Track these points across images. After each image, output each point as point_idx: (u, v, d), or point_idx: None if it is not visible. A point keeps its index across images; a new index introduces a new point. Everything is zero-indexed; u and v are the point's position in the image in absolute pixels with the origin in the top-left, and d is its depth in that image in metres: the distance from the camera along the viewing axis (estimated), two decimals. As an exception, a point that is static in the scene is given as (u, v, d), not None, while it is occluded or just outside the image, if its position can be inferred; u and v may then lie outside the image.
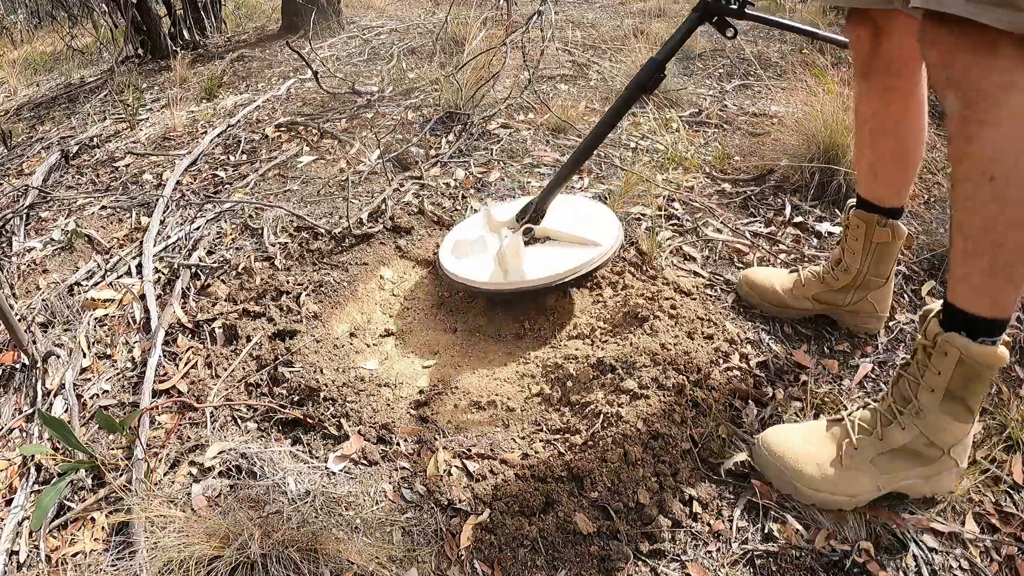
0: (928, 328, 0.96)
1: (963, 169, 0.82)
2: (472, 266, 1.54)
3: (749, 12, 1.22)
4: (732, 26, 1.23)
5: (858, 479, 1.01)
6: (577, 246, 1.56)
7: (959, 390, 0.93)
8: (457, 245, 1.63)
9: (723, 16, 1.21)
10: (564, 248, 1.56)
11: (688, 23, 1.23)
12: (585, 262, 1.50)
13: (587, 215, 1.66)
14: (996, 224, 0.81)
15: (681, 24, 1.24)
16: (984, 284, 0.86)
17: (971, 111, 0.79)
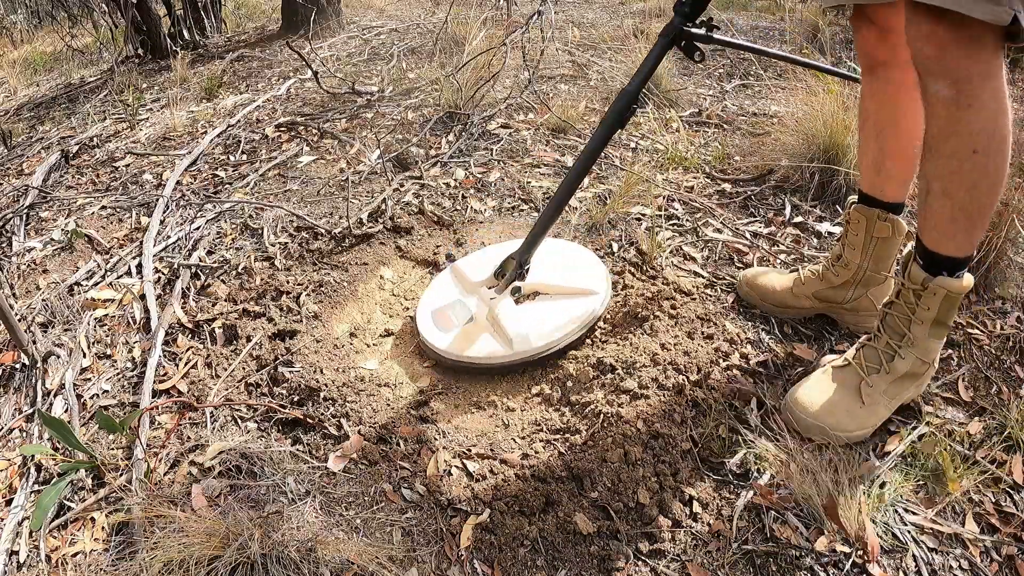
0: (912, 274, 1.11)
1: (950, 146, 0.95)
2: (467, 341, 1.40)
3: (717, 36, 1.21)
4: (699, 50, 1.23)
5: (876, 410, 1.17)
6: (572, 297, 1.46)
7: (943, 317, 1.12)
8: (437, 316, 1.47)
9: (690, 41, 1.21)
10: (560, 302, 1.46)
11: (657, 49, 1.22)
12: (589, 313, 1.42)
13: (570, 260, 1.56)
14: (977, 188, 0.98)
15: (650, 51, 1.22)
16: (964, 235, 1.04)
17: (960, 96, 0.90)
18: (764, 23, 3.59)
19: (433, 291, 1.56)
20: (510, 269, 1.41)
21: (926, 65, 0.91)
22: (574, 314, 1.41)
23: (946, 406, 1.27)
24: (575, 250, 1.61)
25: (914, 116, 1.19)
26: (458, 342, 1.40)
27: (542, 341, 1.37)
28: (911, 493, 1.12)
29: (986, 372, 1.34)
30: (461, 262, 1.59)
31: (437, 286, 1.57)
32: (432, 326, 1.45)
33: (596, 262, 1.55)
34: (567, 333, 1.39)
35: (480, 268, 1.53)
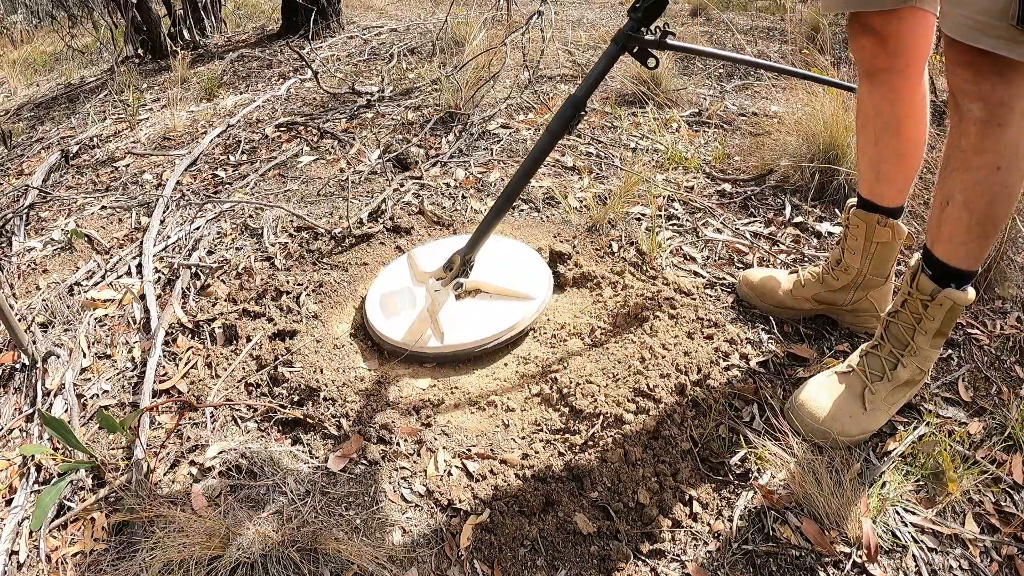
0: (921, 284, 1.13)
1: (979, 161, 0.98)
2: (406, 328, 1.46)
3: (671, 43, 1.20)
4: (653, 56, 1.23)
5: (877, 416, 1.19)
6: (509, 299, 1.51)
7: (945, 328, 1.15)
8: (385, 301, 1.53)
9: (643, 47, 1.20)
10: (496, 303, 1.50)
11: (607, 56, 1.21)
12: (520, 318, 1.46)
13: (516, 263, 1.61)
14: (996, 201, 1.01)
15: (600, 58, 1.21)
16: (977, 246, 1.06)
17: (993, 118, 0.94)
18: (764, 23, 3.59)
19: (387, 275, 1.62)
20: (456, 264, 1.45)
21: (963, 88, 0.95)
22: (507, 317, 1.46)
23: (946, 406, 1.27)
24: (525, 254, 1.65)
25: (913, 121, 1.20)
26: (397, 328, 1.46)
27: (471, 338, 1.43)
28: (911, 493, 1.12)
29: (986, 372, 1.34)
30: (416, 250, 1.67)
31: (392, 271, 1.64)
32: (378, 309, 1.51)
33: (543, 268, 1.59)
34: (496, 334, 1.44)
35: (433, 259, 1.59)
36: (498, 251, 1.64)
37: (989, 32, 0.87)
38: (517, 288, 1.52)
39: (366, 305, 1.53)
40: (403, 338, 1.44)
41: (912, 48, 1.12)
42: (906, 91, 1.16)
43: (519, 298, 1.51)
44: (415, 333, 1.45)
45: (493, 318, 1.46)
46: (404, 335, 1.44)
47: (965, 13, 0.88)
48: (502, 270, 1.58)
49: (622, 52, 1.22)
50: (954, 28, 0.91)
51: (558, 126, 1.24)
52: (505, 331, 1.45)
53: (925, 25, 1.10)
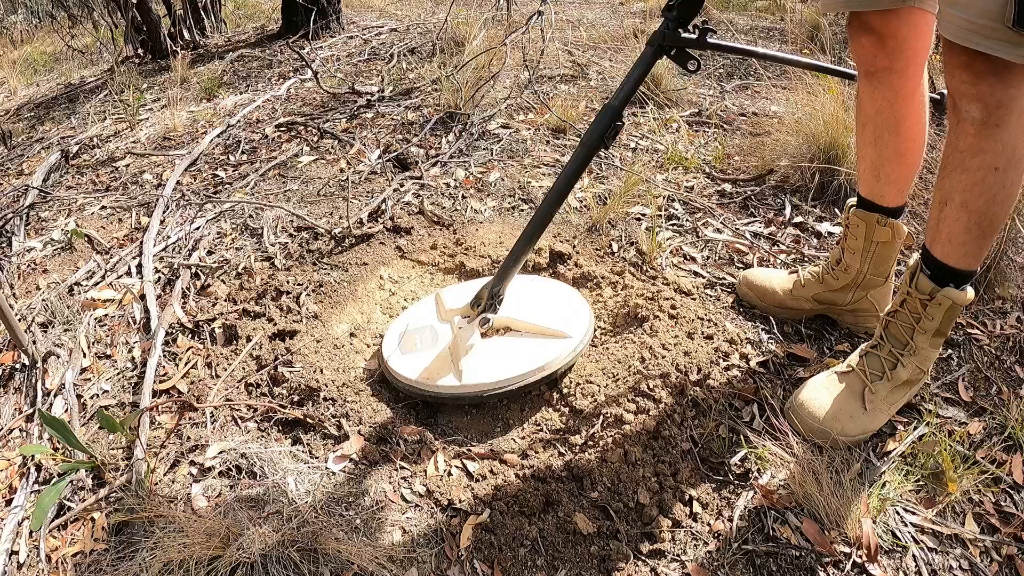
0: (920, 284, 1.13)
1: (977, 161, 0.99)
2: (419, 365, 1.32)
3: (712, 41, 1.09)
4: (694, 58, 1.12)
5: (877, 416, 1.19)
6: (542, 338, 1.37)
7: (944, 328, 1.16)
8: (405, 338, 1.40)
9: (682, 48, 1.10)
10: (527, 341, 1.36)
11: (643, 61, 1.10)
12: (553, 359, 1.31)
13: (553, 299, 1.46)
14: (994, 201, 1.02)
15: (636, 63, 1.10)
16: (976, 246, 1.07)
17: (990, 118, 0.95)
18: (764, 23, 3.59)
19: (411, 312, 1.50)
20: (484, 299, 1.33)
21: (961, 89, 0.96)
22: (537, 356, 1.31)
23: (946, 406, 1.27)
24: (562, 290, 1.51)
25: (913, 121, 1.20)
26: (411, 366, 1.32)
27: (492, 378, 1.27)
28: (911, 493, 1.12)
29: (986, 372, 1.34)
30: (445, 289, 1.54)
31: (417, 308, 1.51)
32: (395, 346, 1.38)
33: (582, 305, 1.45)
34: (523, 374, 1.28)
35: (461, 296, 1.46)
36: (533, 287, 1.51)
37: (986, 34, 0.87)
38: (551, 325, 1.37)
39: (383, 343, 1.40)
40: (418, 376, 1.30)
41: (912, 48, 1.12)
42: (906, 91, 1.16)
43: (554, 336, 1.36)
44: (432, 372, 1.30)
45: (521, 357, 1.31)
46: (419, 373, 1.30)
47: (963, 15, 0.89)
48: (537, 306, 1.43)
49: (660, 55, 1.13)
50: (952, 30, 0.91)
51: (594, 139, 1.14)
52: (533, 371, 1.28)
53: (925, 25, 1.10)
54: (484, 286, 1.33)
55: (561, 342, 1.34)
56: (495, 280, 1.31)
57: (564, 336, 1.35)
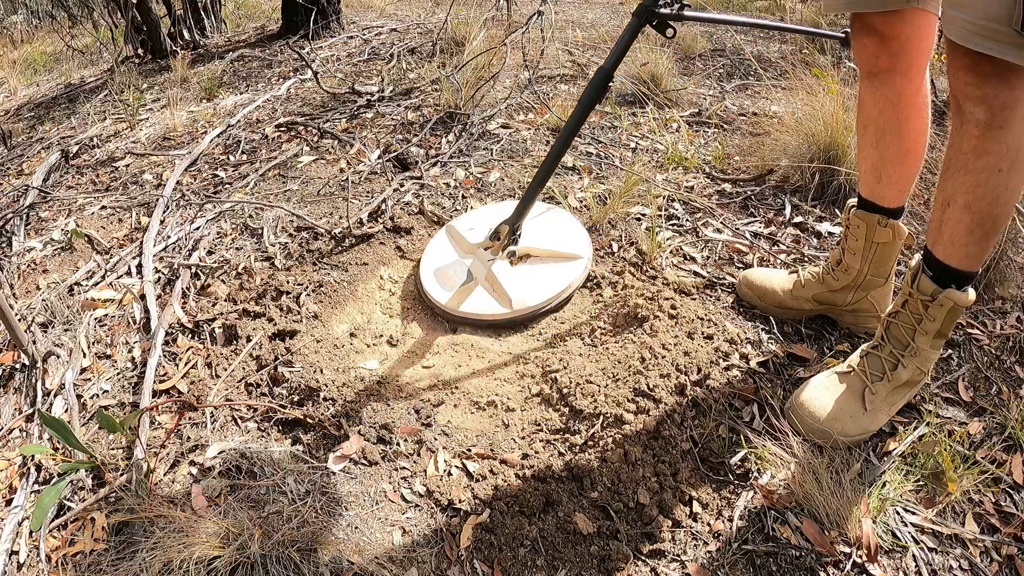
0: (922, 285, 1.13)
1: (981, 163, 0.99)
2: (469, 299, 1.55)
3: (688, 13, 1.25)
4: (671, 26, 1.28)
5: (877, 416, 1.20)
6: (559, 261, 1.60)
7: (945, 329, 1.16)
8: (440, 275, 1.62)
9: (662, 20, 1.26)
10: (549, 265, 1.60)
11: (629, 29, 1.27)
12: (576, 277, 1.56)
13: (556, 226, 1.70)
14: (997, 202, 1.02)
15: (623, 31, 1.28)
16: (978, 248, 1.07)
17: (994, 120, 0.95)
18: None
19: (432, 251, 1.70)
20: (504, 233, 1.54)
21: (965, 91, 0.95)
22: (563, 276, 1.56)
23: (946, 406, 1.27)
24: (561, 216, 1.75)
25: (915, 122, 1.20)
26: (461, 299, 1.54)
27: (536, 300, 1.52)
28: (911, 493, 1.12)
29: (986, 372, 1.34)
30: (456, 223, 1.74)
31: (436, 246, 1.71)
32: (436, 284, 1.59)
33: (580, 228, 1.68)
34: (558, 293, 1.54)
35: (474, 230, 1.69)
36: (535, 217, 1.70)
37: (993, 37, 0.87)
38: (565, 249, 1.61)
39: (423, 282, 1.61)
40: (472, 309, 1.52)
41: (914, 48, 1.11)
42: (908, 91, 1.16)
43: (568, 258, 1.60)
44: (481, 303, 1.53)
45: (550, 279, 1.56)
46: (473, 306, 1.53)
47: (969, 18, 0.88)
48: (545, 234, 1.66)
49: (644, 25, 1.27)
50: (958, 32, 0.91)
51: (590, 98, 1.32)
52: (564, 290, 1.54)
53: (927, 26, 1.10)
54: (503, 221, 1.54)
55: (577, 262, 1.60)
56: (513, 217, 1.52)
57: (577, 256, 1.61)
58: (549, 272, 1.58)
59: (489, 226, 1.60)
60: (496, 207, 1.84)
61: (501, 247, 1.55)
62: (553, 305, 1.54)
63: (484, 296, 1.55)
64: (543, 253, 1.63)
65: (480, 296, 1.55)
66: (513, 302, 1.51)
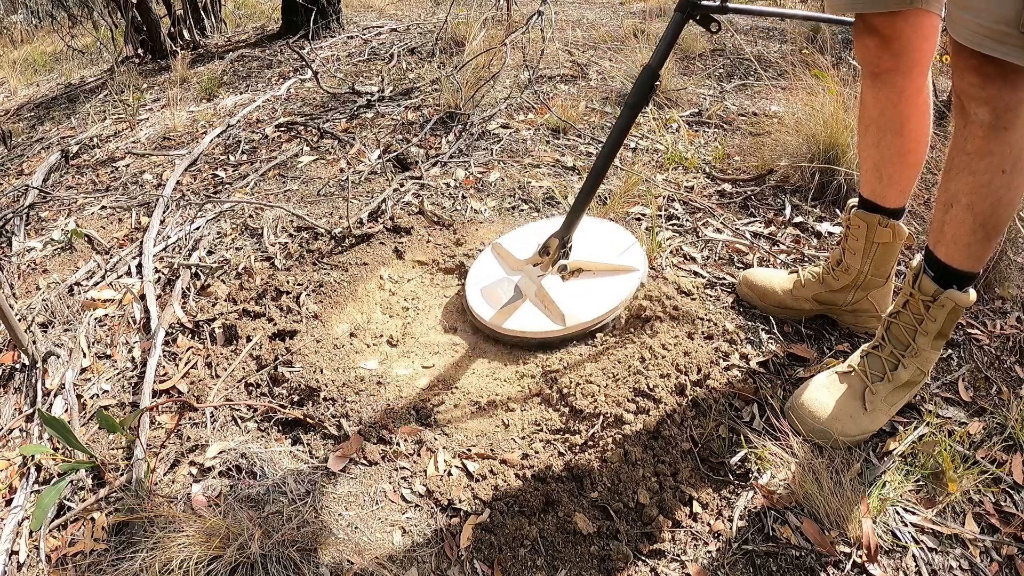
0: (923, 286, 1.13)
1: (984, 164, 0.99)
2: (519, 317, 1.47)
3: (731, 6, 1.23)
4: (716, 20, 1.25)
5: (877, 416, 1.20)
6: (612, 274, 1.54)
7: (946, 329, 1.16)
8: (487, 294, 1.54)
9: (705, 13, 1.24)
10: (602, 279, 1.53)
11: (673, 24, 1.25)
12: (630, 289, 1.50)
13: (607, 238, 1.64)
14: (1000, 203, 1.02)
15: (667, 26, 1.26)
16: (980, 248, 1.07)
17: (998, 121, 0.95)
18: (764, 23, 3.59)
19: (478, 269, 1.63)
20: (553, 248, 1.48)
21: (969, 92, 0.96)
22: (617, 290, 1.49)
23: (946, 406, 1.27)
24: (611, 228, 1.69)
25: (917, 122, 1.20)
26: (511, 318, 1.47)
27: (591, 316, 1.44)
28: (911, 493, 1.12)
29: (986, 372, 1.34)
30: (503, 240, 1.67)
31: (481, 264, 1.64)
32: (484, 304, 1.52)
33: (632, 240, 1.62)
34: (612, 308, 1.46)
35: (522, 247, 1.62)
36: (584, 229, 1.64)
37: (1000, 39, 0.87)
38: (618, 262, 1.55)
39: (470, 303, 1.53)
40: (522, 327, 1.45)
41: (916, 49, 1.11)
42: (910, 92, 1.16)
43: (621, 271, 1.54)
44: (531, 320, 1.46)
45: (604, 293, 1.49)
46: (523, 325, 1.45)
47: (977, 20, 0.88)
48: (596, 247, 1.60)
49: (687, 19, 1.25)
50: (964, 34, 0.91)
51: (637, 98, 1.29)
52: (619, 304, 1.47)
53: (929, 26, 1.10)
54: (552, 235, 1.49)
55: (631, 275, 1.53)
56: (563, 230, 1.47)
57: (631, 269, 1.54)
58: (603, 286, 1.51)
59: (537, 241, 1.54)
60: (543, 223, 1.75)
61: (551, 262, 1.50)
62: (609, 320, 1.47)
63: (535, 313, 1.47)
64: (596, 267, 1.56)
65: (530, 313, 1.48)
66: (567, 318, 1.43)
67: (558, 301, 1.45)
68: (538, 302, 1.49)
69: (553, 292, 1.47)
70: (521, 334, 1.45)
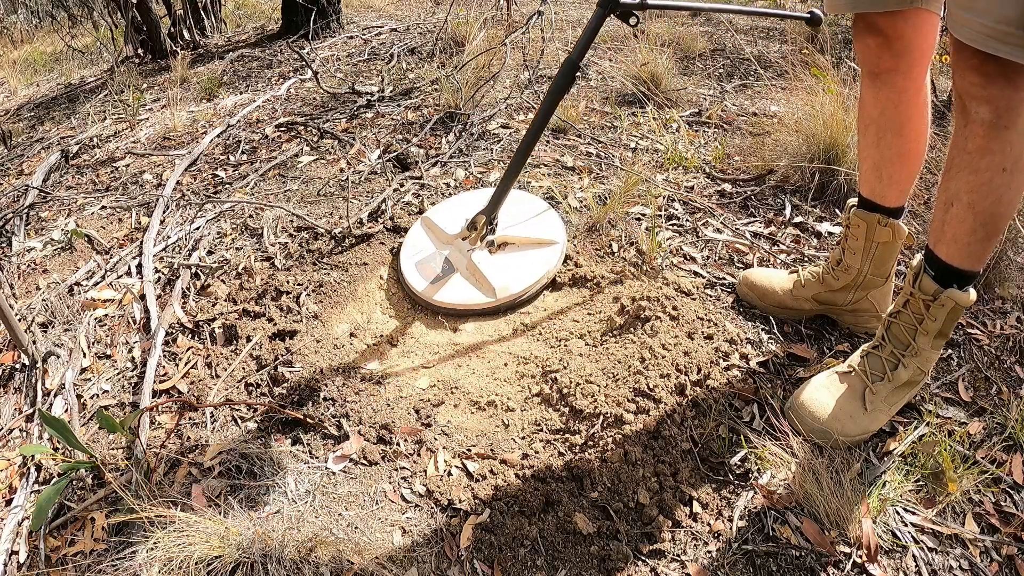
0: (923, 285, 1.13)
1: (985, 163, 1.00)
2: (452, 289, 1.58)
3: (650, 1, 1.27)
4: (635, 15, 1.29)
5: (877, 416, 1.20)
6: (537, 247, 1.65)
7: (946, 329, 1.16)
8: (421, 267, 1.64)
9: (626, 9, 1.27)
10: (527, 252, 1.64)
11: (594, 20, 1.28)
12: (554, 262, 1.61)
13: (525, 211, 1.75)
14: (1001, 202, 1.02)
15: (588, 22, 1.29)
16: (980, 247, 1.07)
17: (999, 120, 0.95)
18: (763, 23, 3.59)
19: (411, 243, 1.72)
20: (481, 224, 1.57)
21: (970, 91, 0.96)
22: (542, 262, 1.61)
23: (946, 406, 1.27)
24: (532, 202, 1.80)
25: (916, 122, 1.20)
26: (445, 291, 1.58)
27: (520, 287, 1.56)
28: (911, 493, 1.12)
29: (986, 372, 1.34)
30: (431, 213, 1.78)
31: (413, 238, 1.73)
32: (420, 278, 1.62)
33: (552, 214, 1.73)
34: (539, 279, 1.58)
35: (451, 221, 1.72)
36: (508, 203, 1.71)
37: (1004, 40, 0.87)
38: (540, 235, 1.66)
39: (405, 275, 1.63)
40: (456, 299, 1.56)
41: (917, 48, 1.12)
42: (910, 91, 1.17)
43: (544, 244, 1.64)
44: (465, 293, 1.57)
45: (531, 266, 1.60)
46: (458, 297, 1.56)
47: (981, 20, 0.89)
48: (519, 221, 1.71)
49: (607, 15, 1.29)
50: (968, 35, 0.91)
51: (559, 87, 1.34)
52: (544, 275, 1.59)
53: (930, 26, 1.10)
54: (479, 212, 1.57)
55: (553, 247, 1.64)
56: (489, 207, 1.55)
57: (553, 242, 1.65)
58: (528, 259, 1.62)
59: (464, 215, 1.64)
60: (467, 195, 1.87)
61: (479, 237, 1.59)
62: (535, 291, 1.58)
63: (467, 286, 1.58)
64: (520, 240, 1.66)
65: (462, 286, 1.59)
66: (497, 291, 1.55)
67: (488, 275, 1.57)
68: (469, 275, 1.60)
69: (483, 266, 1.59)
70: (456, 306, 1.56)
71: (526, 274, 1.58)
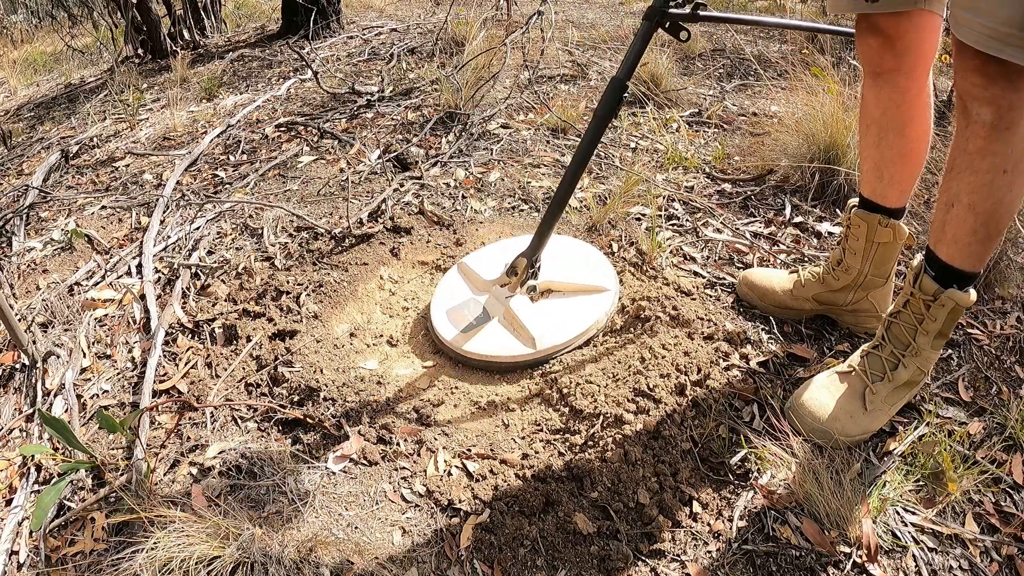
0: (924, 285, 1.13)
1: (986, 164, 1.00)
2: (487, 340, 1.41)
3: (703, 14, 1.18)
4: (685, 29, 1.21)
5: (877, 416, 1.20)
6: (584, 294, 1.49)
7: (946, 329, 1.16)
8: (453, 316, 1.48)
9: (675, 21, 1.20)
10: (573, 299, 1.48)
11: (642, 34, 1.20)
12: (603, 310, 1.45)
13: (577, 258, 1.59)
14: (1001, 204, 1.02)
15: (635, 37, 1.21)
16: (981, 248, 1.07)
17: (1001, 121, 0.95)
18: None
19: (444, 290, 1.56)
20: (521, 268, 1.42)
21: (972, 92, 0.96)
22: (589, 311, 1.44)
23: (946, 406, 1.27)
24: (580, 247, 1.64)
25: (918, 122, 1.20)
26: (478, 341, 1.41)
27: (563, 338, 1.39)
28: (911, 493, 1.12)
29: (986, 372, 1.34)
30: (469, 260, 1.61)
31: (447, 284, 1.58)
32: (450, 326, 1.45)
33: (602, 259, 1.58)
34: (585, 330, 1.41)
35: (488, 266, 1.56)
36: (553, 248, 1.58)
37: (1005, 40, 0.87)
38: (587, 281, 1.50)
39: (435, 325, 1.46)
40: (490, 350, 1.38)
41: (919, 49, 1.12)
42: (912, 91, 1.17)
43: (593, 291, 1.49)
44: (500, 344, 1.40)
45: (576, 315, 1.44)
46: (491, 348, 1.39)
47: (984, 22, 0.89)
48: (566, 266, 1.55)
49: (656, 28, 1.21)
50: (971, 36, 0.91)
51: (606, 110, 1.25)
52: (592, 325, 1.42)
53: (932, 26, 1.10)
54: (519, 255, 1.42)
55: (603, 295, 1.48)
56: (531, 249, 1.40)
57: (603, 289, 1.48)
58: (574, 306, 1.45)
59: (504, 261, 1.47)
60: (509, 241, 1.70)
61: (519, 282, 1.44)
62: (581, 343, 1.42)
63: (503, 335, 1.41)
64: (566, 287, 1.50)
65: (497, 335, 1.42)
66: (536, 341, 1.38)
67: (527, 323, 1.39)
68: (507, 324, 1.43)
69: (522, 314, 1.41)
70: (488, 357, 1.38)
71: (571, 323, 1.41)
